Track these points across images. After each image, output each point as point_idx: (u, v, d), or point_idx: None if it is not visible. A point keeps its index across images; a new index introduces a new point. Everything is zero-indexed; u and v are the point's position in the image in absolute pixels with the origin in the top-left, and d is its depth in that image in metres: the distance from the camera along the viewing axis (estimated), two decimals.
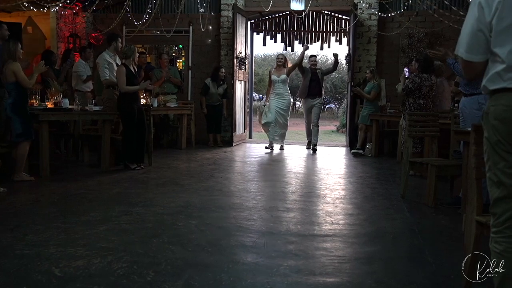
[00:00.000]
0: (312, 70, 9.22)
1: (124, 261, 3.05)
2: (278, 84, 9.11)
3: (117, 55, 7.29)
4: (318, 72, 9.22)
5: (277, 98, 9.14)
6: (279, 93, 9.14)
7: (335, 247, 3.48)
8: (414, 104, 6.47)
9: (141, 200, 4.82)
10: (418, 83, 6.37)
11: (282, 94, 9.16)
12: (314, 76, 9.15)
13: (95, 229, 3.73)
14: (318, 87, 9.14)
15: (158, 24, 9.97)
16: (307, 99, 9.32)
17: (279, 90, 9.13)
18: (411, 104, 6.48)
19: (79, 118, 6.83)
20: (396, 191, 5.51)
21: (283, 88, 9.15)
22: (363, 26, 9.82)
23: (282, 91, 9.15)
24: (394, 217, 4.37)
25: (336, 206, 4.76)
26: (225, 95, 9.68)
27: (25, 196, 4.88)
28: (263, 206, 4.68)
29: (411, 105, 6.48)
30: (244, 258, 3.19)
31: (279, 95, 9.14)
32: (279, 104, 9.13)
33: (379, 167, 7.52)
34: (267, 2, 9.77)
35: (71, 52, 9.34)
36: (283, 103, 9.15)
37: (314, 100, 9.18)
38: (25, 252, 3.17)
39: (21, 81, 5.52)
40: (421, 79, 6.38)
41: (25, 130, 5.60)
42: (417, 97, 6.44)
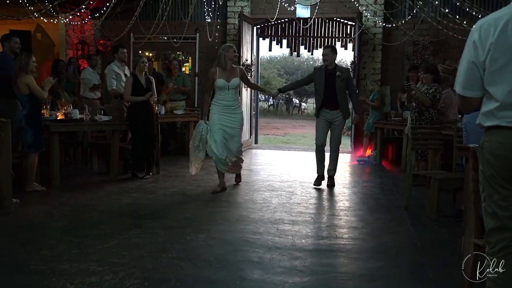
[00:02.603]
0: (327, 70, 6.34)
1: (136, 277, 3.17)
2: (227, 92, 5.98)
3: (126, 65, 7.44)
4: (338, 75, 6.28)
5: (225, 113, 6.00)
6: (228, 104, 6.00)
7: (339, 263, 3.59)
8: (434, 114, 6.44)
9: (150, 211, 4.94)
10: (439, 93, 6.38)
11: (232, 107, 6.04)
12: (331, 78, 6.28)
13: (107, 244, 3.85)
14: (335, 95, 6.31)
15: (165, 31, 10.09)
16: (322, 110, 6.45)
17: (228, 100, 6.00)
18: (433, 115, 6.45)
19: (88, 129, 6.97)
20: (399, 202, 5.60)
21: (233, 97, 6.05)
22: (368, 33, 9.90)
23: (232, 102, 6.04)
24: (397, 231, 4.47)
25: (341, 219, 4.87)
26: None
27: (37, 207, 5.01)
28: (269, 218, 4.79)
29: (432, 115, 6.45)
30: (251, 274, 3.31)
31: (227, 108, 6.00)
32: (229, 122, 6.01)
33: (383, 175, 7.61)
34: (273, 10, 9.90)
35: (72, 60, 9.52)
36: (234, 120, 6.07)
37: (335, 113, 6.36)
38: (40, 268, 3.30)
39: (35, 93, 5.65)
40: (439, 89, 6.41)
41: (36, 141, 5.73)
42: (434, 107, 6.46)
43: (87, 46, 11.14)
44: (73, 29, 10.83)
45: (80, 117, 6.58)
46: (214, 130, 5.97)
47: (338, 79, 6.27)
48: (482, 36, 2.06)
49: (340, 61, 33.08)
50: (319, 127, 6.54)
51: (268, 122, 22.44)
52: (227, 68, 5.96)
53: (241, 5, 10.50)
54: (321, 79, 6.38)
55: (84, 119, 6.56)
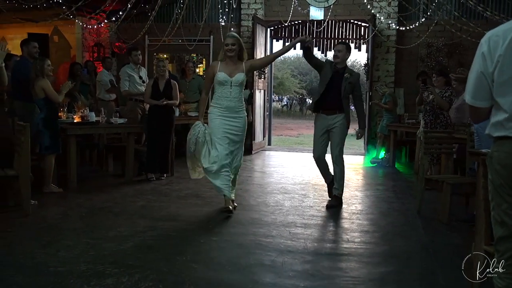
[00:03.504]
0: (335, 69, 5.52)
1: (151, 279, 3.25)
2: (229, 90, 4.97)
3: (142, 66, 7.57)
4: (347, 77, 5.47)
5: (227, 117, 4.99)
6: (230, 106, 4.98)
7: (350, 267, 3.63)
8: (449, 117, 6.48)
9: (165, 214, 5.03)
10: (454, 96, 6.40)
11: (235, 109, 5.02)
12: (337, 78, 5.47)
13: (122, 246, 3.94)
14: (338, 97, 5.46)
15: (180, 34, 10.20)
16: (320, 115, 5.60)
17: (230, 100, 4.97)
18: (447, 118, 6.49)
19: (104, 131, 7.09)
20: (412, 205, 5.62)
21: (237, 96, 5.01)
22: (381, 36, 9.90)
23: (235, 103, 5.00)
24: (409, 235, 4.50)
25: (353, 222, 4.90)
26: (249, 100, 9.81)
27: (54, 209, 5.13)
28: (281, 221, 4.84)
29: (447, 118, 6.49)
30: (263, 278, 3.36)
31: (229, 110, 4.99)
32: (232, 129, 5.01)
33: (396, 178, 7.62)
34: (287, 12, 9.95)
35: (89, 63, 9.68)
36: (239, 125, 5.04)
37: (333, 118, 5.50)
38: (58, 269, 3.39)
39: (50, 97, 5.78)
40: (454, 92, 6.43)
41: (53, 144, 5.86)
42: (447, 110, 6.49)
43: (103, 48, 11.32)
44: (89, 32, 10.99)
45: (96, 119, 6.70)
46: (217, 137, 4.96)
47: (345, 81, 5.46)
48: (491, 48, 2.09)
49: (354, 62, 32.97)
50: (315, 138, 5.66)
51: (282, 123, 22.49)
52: (229, 62, 5.03)
53: (255, 7, 10.57)
54: (326, 76, 5.51)
55: (100, 121, 6.68)
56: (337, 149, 5.58)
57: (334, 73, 5.49)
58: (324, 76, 5.54)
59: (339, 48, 5.58)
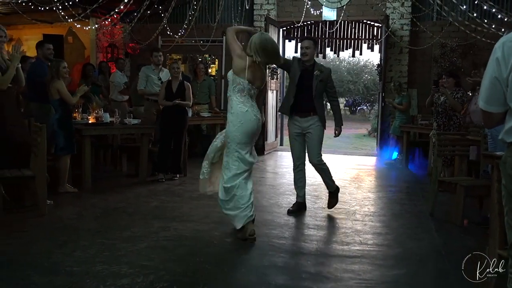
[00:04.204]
0: (303, 66, 5.16)
1: (165, 280, 3.29)
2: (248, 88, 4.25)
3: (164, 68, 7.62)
4: (317, 75, 5.10)
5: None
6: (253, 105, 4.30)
7: (363, 269, 3.63)
8: (462, 119, 6.46)
9: (178, 214, 5.07)
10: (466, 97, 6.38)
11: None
12: (306, 77, 5.12)
13: (137, 246, 3.99)
14: (310, 98, 5.11)
15: (192, 35, 10.25)
16: (293, 118, 5.25)
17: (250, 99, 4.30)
18: (460, 119, 6.48)
19: (118, 132, 7.16)
20: (424, 207, 5.61)
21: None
22: (394, 36, 9.86)
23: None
24: (422, 237, 4.49)
25: (365, 224, 4.91)
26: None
27: (70, 209, 5.20)
28: (294, 223, 4.87)
29: (460, 120, 6.48)
30: (276, 279, 3.39)
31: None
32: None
33: (409, 179, 7.59)
34: (299, 13, 9.96)
35: (103, 64, 9.77)
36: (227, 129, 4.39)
37: (307, 121, 5.16)
38: (74, 269, 3.45)
39: (65, 98, 5.86)
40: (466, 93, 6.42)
41: (67, 144, 5.93)
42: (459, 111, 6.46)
43: (117, 49, 11.41)
44: (103, 33, 11.09)
45: (111, 120, 6.77)
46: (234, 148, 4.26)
47: (316, 79, 5.09)
48: (505, 53, 2.09)
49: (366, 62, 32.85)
50: (291, 144, 5.36)
51: None
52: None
53: (267, 8, 10.59)
54: (295, 75, 5.12)
55: (115, 122, 6.75)
56: (315, 154, 5.25)
57: (302, 72, 5.14)
58: (293, 76, 5.20)
59: (307, 45, 5.15)
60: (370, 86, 31.48)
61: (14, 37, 11.87)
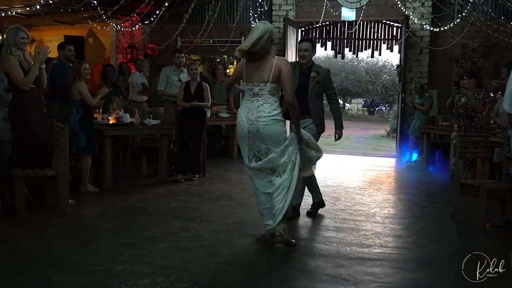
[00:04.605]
0: (301, 70, 5.07)
1: (186, 280, 3.31)
2: None
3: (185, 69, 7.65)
4: (313, 76, 5.02)
5: None
6: None
7: (384, 272, 3.61)
8: (483, 120, 6.40)
9: (197, 215, 5.10)
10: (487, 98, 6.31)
11: None
12: (303, 79, 5.02)
13: (157, 246, 4.02)
14: (305, 100, 4.97)
15: (211, 35, 10.28)
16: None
17: None
18: (481, 120, 6.42)
19: (138, 132, 7.23)
20: (445, 210, 5.54)
21: None
22: (415, 37, 9.76)
23: None
24: (443, 241, 4.44)
25: (385, 227, 4.87)
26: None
27: (91, 209, 5.26)
28: (313, 224, 4.85)
29: (481, 121, 6.42)
30: (297, 281, 3.38)
31: None
32: None
33: (429, 182, 7.51)
34: (318, 14, 9.92)
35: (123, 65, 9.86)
36: None
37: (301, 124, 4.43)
38: (96, 269, 3.49)
39: (85, 99, 5.93)
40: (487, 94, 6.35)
41: (89, 145, 6.01)
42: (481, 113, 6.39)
43: (136, 50, 11.51)
44: (123, 34, 11.20)
45: (131, 121, 6.83)
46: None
47: (313, 81, 4.99)
48: None
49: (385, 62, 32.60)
50: None
51: None
52: None
53: (286, 9, 10.58)
54: (295, 79, 4.80)
55: (135, 123, 6.81)
56: None
57: (300, 74, 5.02)
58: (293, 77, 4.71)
59: (305, 47, 5.00)
60: (389, 87, 31.24)
61: (36, 38, 12.07)
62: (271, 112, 3.98)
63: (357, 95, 34.44)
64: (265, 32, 3.87)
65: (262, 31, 3.86)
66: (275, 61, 3.92)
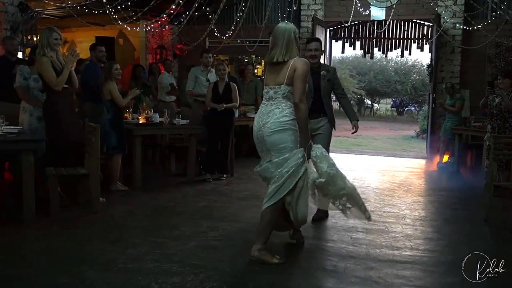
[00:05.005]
0: (313, 68, 4.78)
1: (215, 280, 3.32)
2: None
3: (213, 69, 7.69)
4: (324, 75, 5.05)
5: None
6: None
7: (415, 275, 3.54)
8: None
9: (226, 215, 5.11)
10: None
11: None
12: (315, 78, 4.97)
13: (186, 245, 4.05)
14: (320, 99, 5.03)
15: (239, 35, 10.32)
16: None
17: None
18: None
19: (168, 132, 7.30)
20: (478, 213, 5.41)
21: None
22: (446, 35, 9.58)
23: None
24: (476, 244, 4.33)
25: (416, 229, 4.79)
26: None
27: (121, 207, 5.33)
28: (342, 226, 4.81)
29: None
30: (325, 283, 3.36)
31: None
32: None
33: (461, 183, 7.36)
34: (347, 13, 9.84)
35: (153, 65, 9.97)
36: None
37: (317, 122, 5.01)
38: (127, 266, 3.54)
39: (115, 100, 6.03)
40: None
41: (119, 144, 6.10)
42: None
43: (165, 50, 11.63)
44: (152, 35, 11.34)
45: (160, 120, 6.91)
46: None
47: (324, 80, 5.02)
48: None
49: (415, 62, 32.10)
50: None
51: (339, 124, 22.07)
52: None
53: (314, 8, 10.53)
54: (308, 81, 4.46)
55: (164, 122, 6.88)
56: None
57: (312, 74, 4.83)
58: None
59: (315, 47, 4.99)
60: (418, 87, 30.78)
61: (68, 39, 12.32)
62: (279, 119, 3.67)
63: (386, 95, 34.05)
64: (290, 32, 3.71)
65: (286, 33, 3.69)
66: (292, 61, 3.68)
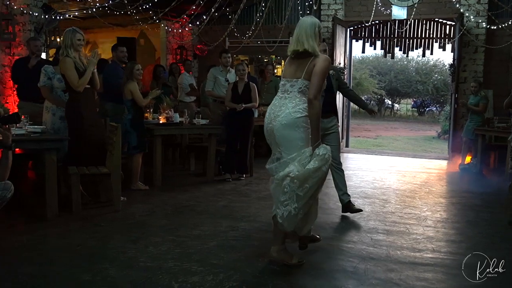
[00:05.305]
0: None
1: (234, 280, 3.33)
2: None
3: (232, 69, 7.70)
4: (332, 75, 5.09)
5: None
6: None
7: (437, 278, 3.50)
8: None
9: (245, 215, 5.12)
10: None
11: None
12: (327, 78, 4.68)
13: (206, 245, 4.06)
14: (332, 98, 5.14)
15: (259, 35, 10.32)
16: None
17: None
18: None
19: (188, 132, 7.34)
20: (502, 216, 5.31)
21: None
22: (469, 35, 9.43)
23: None
24: (500, 247, 4.26)
25: (438, 231, 4.72)
26: None
27: (142, 206, 5.38)
28: (362, 227, 4.77)
29: None
30: (346, 284, 3.33)
31: None
32: None
33: (484, 185, 7.23)
34: (368, 12, 9.77)
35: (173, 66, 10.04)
36: None
37: (329, 122, 5.09)
38: (148, 265, 3.57)
39: (136, 100, 6.09)
40: None
41: (140, 143, 6.16)
42: None
43: (185, 51, 11.71)
44: (172, 35, 11.42)
45: (180, 120, 6.96)
46: None
47: (333, 79, 5.08)
48: None
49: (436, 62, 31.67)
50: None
51: (359, 124, 22.10)
52: None
53: (335, 8, 10.48)
54: None
55: (184, 122, 6.92)
56: (337, 153, 5.16)
57: None
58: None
59: (324, 48, 4.95)
60: (440, 87, 30.36)
61: (90, 40, 12.50)
62: (291, 114, 3.46)
63: (407, 95, 33.68)
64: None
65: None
66: (314, 57, 3.51)
